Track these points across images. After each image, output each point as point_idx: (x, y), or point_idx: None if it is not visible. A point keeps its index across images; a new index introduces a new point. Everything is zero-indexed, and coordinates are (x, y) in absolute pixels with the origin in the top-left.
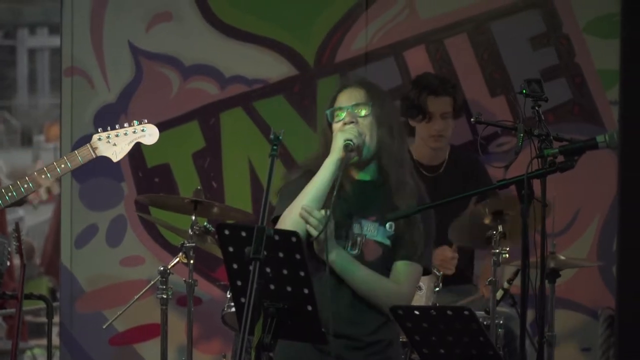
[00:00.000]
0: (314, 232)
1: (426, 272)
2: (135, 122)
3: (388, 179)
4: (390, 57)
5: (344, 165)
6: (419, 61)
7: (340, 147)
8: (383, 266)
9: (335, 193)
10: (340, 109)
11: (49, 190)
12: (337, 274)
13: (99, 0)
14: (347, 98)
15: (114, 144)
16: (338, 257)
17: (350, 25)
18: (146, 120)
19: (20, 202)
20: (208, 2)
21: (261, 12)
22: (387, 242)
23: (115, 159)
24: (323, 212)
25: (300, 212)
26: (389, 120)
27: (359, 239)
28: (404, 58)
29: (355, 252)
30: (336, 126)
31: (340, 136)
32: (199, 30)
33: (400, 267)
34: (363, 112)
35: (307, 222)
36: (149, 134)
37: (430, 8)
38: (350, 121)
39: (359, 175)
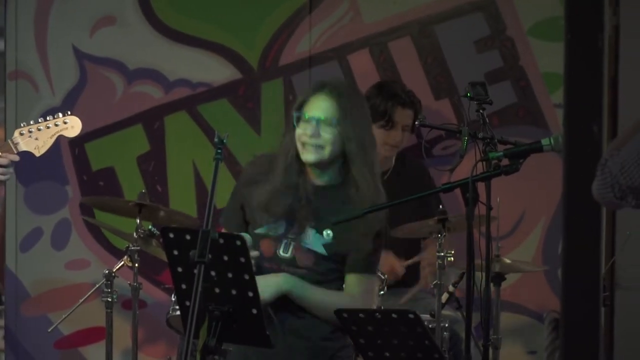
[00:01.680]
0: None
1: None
2: (59, 114)
3: (364, 189)
4: (334, 60)
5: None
6: (363, 65)
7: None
8: (316, 272)
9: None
10: (306, 116)
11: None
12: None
13: (43, 4)
14: (316, 107)
15: (36, 138)
16: (296, 287)
17: (294, 28)
18: (69, 112)
19: None
20: (152, 6)
21: (205, 15)
22: (322, 250)
23: (37, 154)
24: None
25: None
26: (357, 134)
27: (292, 243)
28: (348, 61)
29: (287, 255)
30: (298, 132)
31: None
32: (143, 34)
33: (352, 280)
34: (329, 127)
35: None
36: (72, 126)
37: (374, 11)
38: (313, 135)
39: (317, 180)
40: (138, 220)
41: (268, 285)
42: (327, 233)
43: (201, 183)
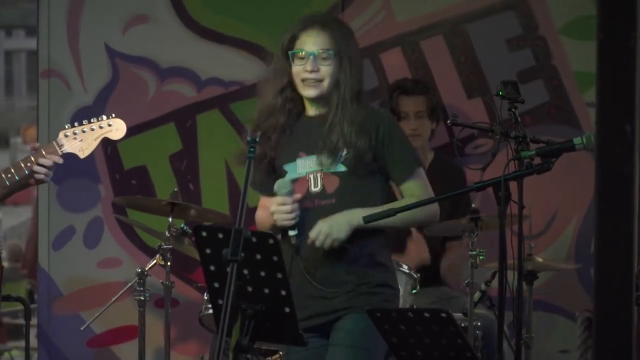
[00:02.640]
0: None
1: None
2: (103, 116)
3: (339, 114)
4: (366, 59)
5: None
6: (395, 63)
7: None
8: (344, 192)
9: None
10: (303, 51)
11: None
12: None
13: (76, 2)
14: (312, 42)
15: (80, 140)
16: (365, 218)
17: None
18: (113, 115)
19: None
20: (184, 4)
21: (237, 14)
22: (343, 168)
23: (82, 156)
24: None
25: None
26: (350, 60)
27: (318, 174)
28: (381, 60)
29: (317, 189)
30: (296, 69)
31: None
32: (176, 32)
33: (407, 187)
34: (326, 60)
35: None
36: (116, 129)
37: (407, 10)
38: (312, 70)
39: (309, 112)
40: (170, 219)
41: (340, 227)
42: (343, 150)
43: (233, 181)
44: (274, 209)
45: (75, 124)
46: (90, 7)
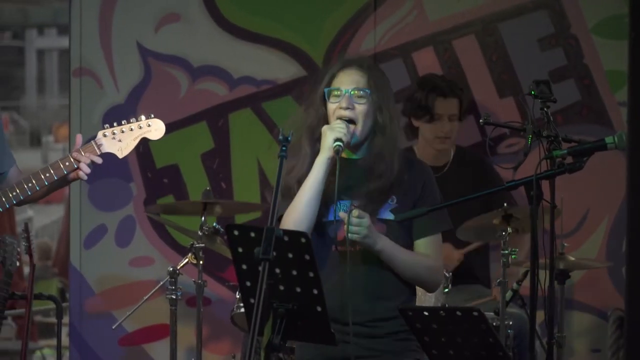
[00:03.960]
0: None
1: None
2: (142, 116)
3: (381, 161)
4: (398, 58)
5: (334, 163)
6: (427, 62)
7: (330, 147)
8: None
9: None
10: (339, 90)
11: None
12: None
13: (108, 1)
14: (348, 80)
15: (119, 140)
16: (385, 245)
17: (359, 26)
18: (152, 115)
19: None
20: (216, 3)
21: (269, 13)
22: (391, 216)
23: (120, 155)
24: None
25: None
26: (387, 106)
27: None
28: (413, 59)
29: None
30: (331, 107)
31: (330, 135)
32: (208, 31)
33: (422, 244)
34: (361, 99)
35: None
36: (155, 129)
37: (439, 9)
38: (347, 107)
39: (350, 156)
40: (202, 218)
41: (372, 237)
42: (392, 198)
43: (265, 180)
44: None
45: (115, 124)
46: (122, 6)
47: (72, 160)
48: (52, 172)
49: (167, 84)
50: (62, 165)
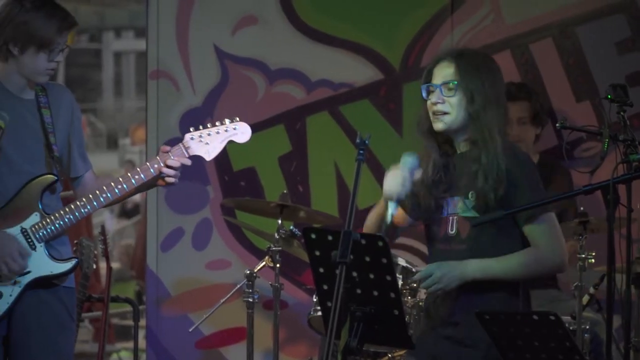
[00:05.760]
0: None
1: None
2: (227, 120)
3: (479, 152)
4: None
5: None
6: (504, 66)
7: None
8: (477, 237)
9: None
10: (431, 85)
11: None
12: None
13: (185, 3)
14: (439, 75)
15: (207, 143)
16: (475, 270)
17: (436, 29)
18: (238, 119)
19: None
20: (294, 5)
21: (347, 16)
22: (474, 213)
23: (208, 158)
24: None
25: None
26: (482, 92)
27: (454, 217)
28: None
29: (453, 232)
30: (427, 103)
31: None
32: (285, 34)
33: (529, 232)
34: (450, 91)
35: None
36: (241, 132)
37: (516, 13)
38: (437, 101)
39: (460, 148)
40: (279, 221)
41: (451, 280)
42: (471, 194)
43: (343, 183)
44: (387, 176)
45: (200, 127)
46: (199, 9)
47: (160, 162)
48: (141, 174)
49: (245, 86)
50: (150, 167)
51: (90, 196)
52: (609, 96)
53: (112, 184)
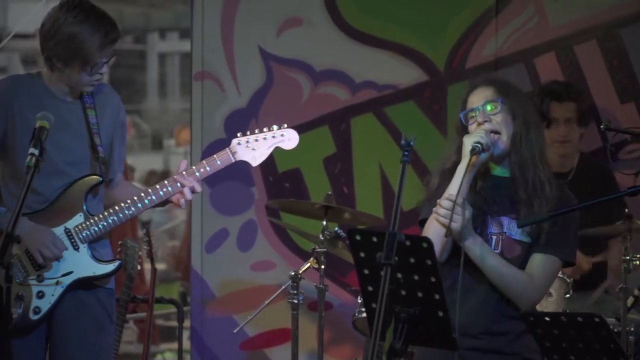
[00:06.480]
0: (447, 222)
1: (568, 264)
2: (274, 126)
3: (523, 175)
4: (520, 63)
5: (475, 168)
6: (549, 68)
7: (468, 152)
8: (523, 264)
9: (466, 187)
10: (473, 110)
11: (193, 190)
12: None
13: (230, 5)
14: (478, 98)
15: (253, 149)
16: (473, 243)
17: (481, 31)
18: (286, 125)
19: (164, 203)
20: (338, 7)
21: (391, 17)
22: (527, 239)
23: (254, 164)
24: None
25: (434, 210)
26: (522, 113)
27: (500, 237)
28: (534, 65)
29: (496, 250)
30: (471, 128)
31: (467, 141)
32: (330, 35)
33: (536, 259)
34: (494, 109)
35: (437, 213)
36: (289, 139)
37: (560, 15)
38: (484, 120)
39: (494, 171)
40: (324, 222)
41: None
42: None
43: (387, 185)
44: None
45: (248, 132)
46: (244, 10)
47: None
48: (189, 177)
49: (289, 88)
50: (195, 170)
51: (135, 198)
52: None
53: (158, 186)
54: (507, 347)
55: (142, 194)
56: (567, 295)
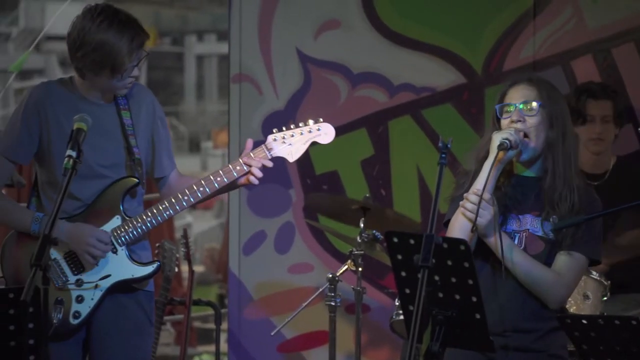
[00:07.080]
0: (473, 217)
1: (594, 262)
2: (310, 121)
3: (554, 179)
4: (557, 66)
5: (502, 164)
6: (586, 70)
7: (496, 147)
8: (547, 261)
9: (493, 182)
10: (509, 105)
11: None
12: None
13: (268, 7)
14: (517, 95)
15: (290, 144)
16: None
17: (518, 33)
18: (321, 119)
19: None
20: (376, 10)
21: (429, 20)
22: (551, 235)
23: (291, 159)
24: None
25: (460, 204)
26: (559, 120)
27: (523, 234)
28: (572, 67)
29: (520, 247)
30: (504, 122)
31: (496, 137)
32: (367, 38)
33: (562, 257)
34: (532, 111)
35: (464, 207)
36: (325, 133)
37: (598, 17)
38: (518, 120)
39: (520, 171)
40: (362, 224)
41: (488, 219)
42: (554, 218)
43: (425, 187)
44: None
45: (283, 128)
46: (281, 12)
47: (243, 164)
48: (223, 176)
49: (327, 90)
50: (233, 169)
51: (173, 200)
52: None
53: (194, 186)
54: (534, 345)
55: (179, 194)
56: (605, 298)
